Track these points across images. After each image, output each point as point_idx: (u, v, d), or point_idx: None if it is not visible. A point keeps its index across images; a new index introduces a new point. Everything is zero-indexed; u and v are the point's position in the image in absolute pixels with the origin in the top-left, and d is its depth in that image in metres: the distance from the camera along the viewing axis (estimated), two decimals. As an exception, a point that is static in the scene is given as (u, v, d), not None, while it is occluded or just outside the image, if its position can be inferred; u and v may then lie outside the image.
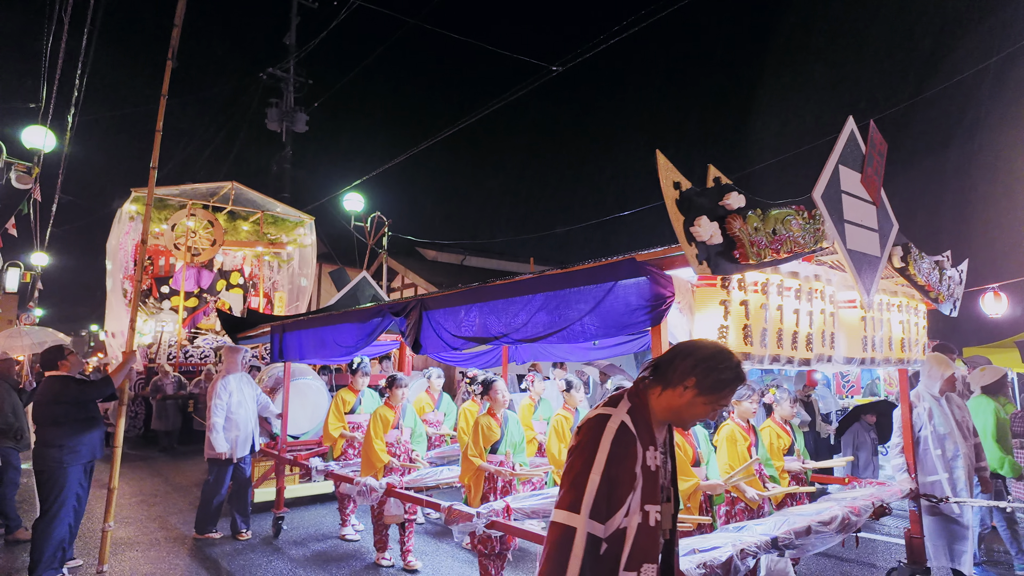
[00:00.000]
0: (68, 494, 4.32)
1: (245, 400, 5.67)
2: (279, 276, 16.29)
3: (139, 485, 8.20)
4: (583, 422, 1.64)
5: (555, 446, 4.48)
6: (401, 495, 4.14)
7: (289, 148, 19.59)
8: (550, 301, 2.82)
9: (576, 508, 1.49)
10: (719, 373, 1.62)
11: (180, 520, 6.36)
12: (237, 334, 6.87)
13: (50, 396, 4.36)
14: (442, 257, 21.10)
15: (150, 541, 5.58)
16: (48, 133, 10.61)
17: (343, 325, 4.63)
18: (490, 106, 13.33)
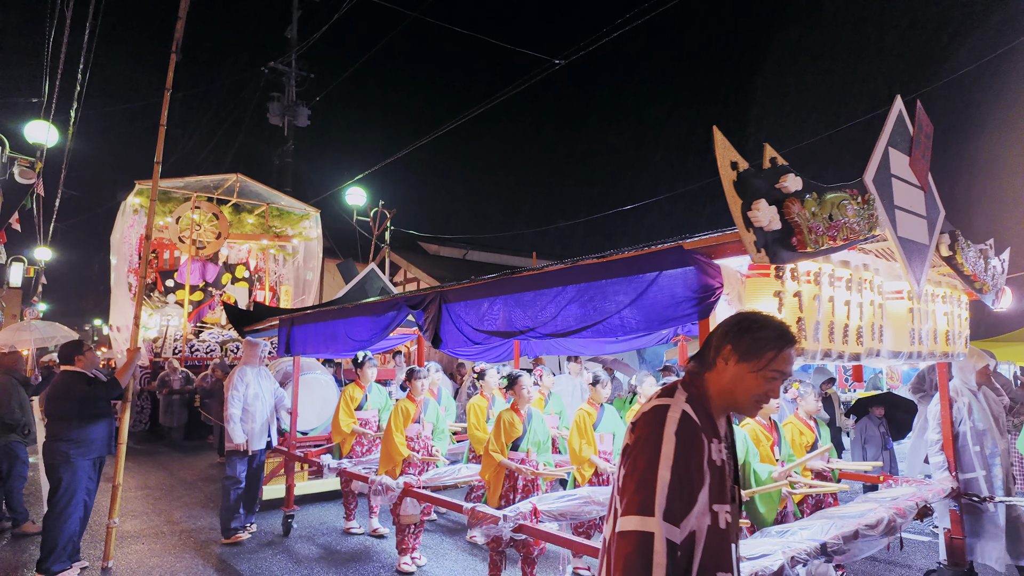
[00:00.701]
0: (77, 488, 4.30)
1: (262, 393, 5.52)
2: (284, 270, 16.13)
3: (144, 479, 8.15)
4: (638, 416, 1.46)
5: (576, 442, 4.31)
6: (419, 495, 3.97)
7: (291, 142, 19.46)
8: (583, 293, 2.63)
9: (649, 510, 1.29)
10: (754, 333, 1.45)
11: (185, 514, 6.32)
12: (244, 327, 6.71)
13: (61, 391, 4.37)
14: (444, 251, 20.97)
15: (156, 535, 5.55)
16: (51, 128, 10.55)
17: (356, 318, 4.46)
18: (492, 100, 13.13)
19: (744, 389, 1.45)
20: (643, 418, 1.44)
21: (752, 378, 1.44)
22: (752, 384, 1.45)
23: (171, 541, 5.38)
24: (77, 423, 4.31)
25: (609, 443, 4.51)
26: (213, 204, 13.94)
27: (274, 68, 19.03)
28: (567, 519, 3.39)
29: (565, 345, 7.21)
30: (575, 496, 3.47)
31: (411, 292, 3.89)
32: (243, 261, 15.30)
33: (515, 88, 12.58)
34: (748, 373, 1.44)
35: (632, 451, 1.40)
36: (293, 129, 19.51)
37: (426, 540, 5.21)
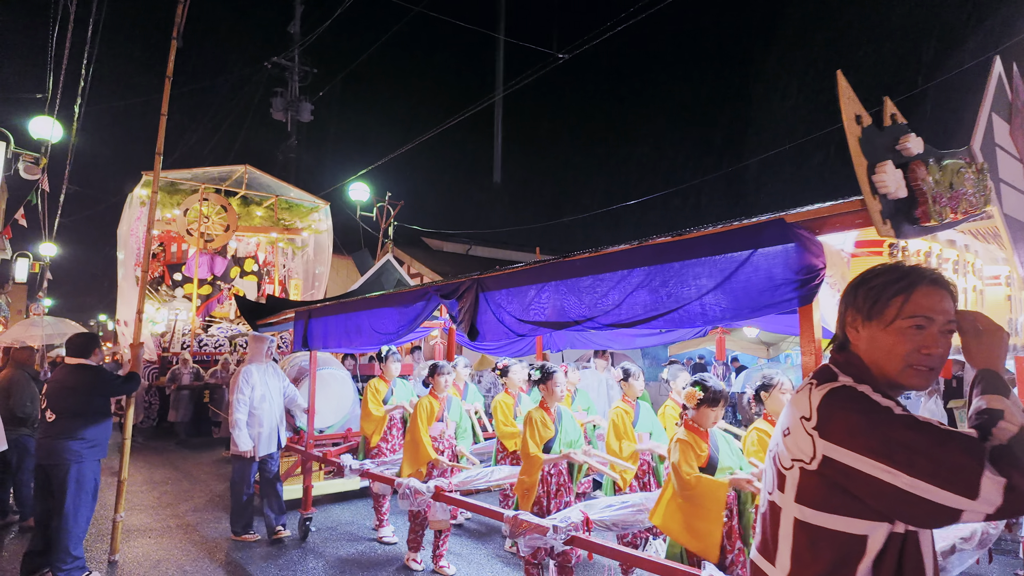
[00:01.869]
0: (92, 489, 4.17)
1: (270, 393, 5.22)
2: (293, 263, 15.86)
3: (150, 473, 8.05)
4: (820, 403, 1.17)
5: (615, 443, 3.99)
6: (453, 500, 3.67)
7: (294, 138, 19.34)
8: (654, 276, 2.31)
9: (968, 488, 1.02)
10: (869, 283, 1.24)
11: (190, 507, 6.29)
12: (256, 321, 6.42)
13: (82, 385, 4.14)
14: (447, 247, 20.74)
15: (162, 529, 5.52)
16: (55, 123, 10.43)
17: (382, 310, 4.15)
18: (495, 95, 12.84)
19: (886, 354, 1.19)
20: (831, 400, 1.16)
21: (887, 336, 1.19)
22: (891, 344, 1.18)
23: (177, 534, 5.33)
24: (94, 419, 4.14)
25: (647, 442, 4.19)
26: (221, 196, 13.67)
27: (277, 63, 18.99)
28: (619, 529, 3.08)
29: (591, 339, 6.89)
30: (626, 503, 3.15)
31: (443, 280, 3.57)
32: (252, 254, 15.03)
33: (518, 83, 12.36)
34: (880, 332, 1.20)
35: (858, 437, 1.10)
36: (296, 124, 19.47)
37: (456, 547, 4.92)
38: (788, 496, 1.22)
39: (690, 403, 2.76)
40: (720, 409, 2.74)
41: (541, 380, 3.72)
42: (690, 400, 2.75)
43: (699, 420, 2.74)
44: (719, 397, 2.75)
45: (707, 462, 2.63)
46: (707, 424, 2.73)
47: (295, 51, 19.19)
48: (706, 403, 2.73)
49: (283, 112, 19.32)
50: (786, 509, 1.23)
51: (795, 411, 1.23)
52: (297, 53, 19.23)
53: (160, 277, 13.94)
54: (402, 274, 8.35)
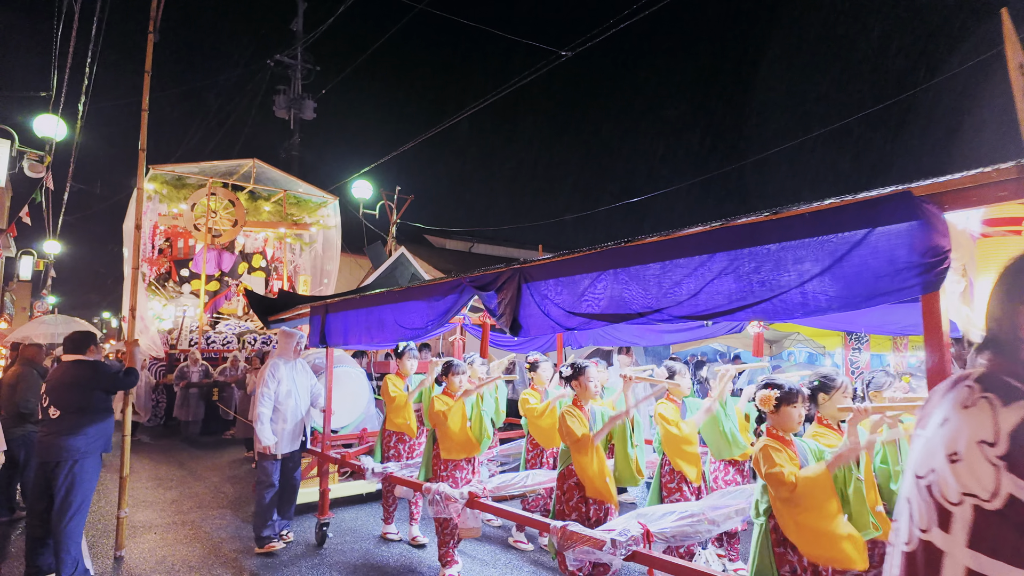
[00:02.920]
0: (93, 487, 4.10)
1: (297, 390, 4.95)
2: (301, 259, 15.63)
3: (156, 471, 7.95)
4: (1017, 427, 0.92)
5: (670, 430, 3.71)
6: (488, 508, 3.39)
7: (297, 135, 19.24)
8: (743, 261, 2.02)
9: None
10: None
11: (195, 504, 6.24)
12: (268, 316, 6.17)
13: (84, 380, 4.06)
14: (449, 244, 20.56)
15: (167, 525, 5.50)
16: (59, 122, 10.33)
17: (409, 303, 3.87)
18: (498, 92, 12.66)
19: None
20: None
21: None
22: None
23: (183, 531, 5.30)
24: (96, 415, 4.07)
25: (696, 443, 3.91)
26: (229, 191, 13.43)
27: (280, 61, 18.93)
28: (678, 541, 2.80)
29: (615, 335, 6.61)
30: (685, 513, 2.88)
31: (481, 270, 3.29)
32: (260, 250, 14.79)
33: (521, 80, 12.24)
34: None
35: None
36: (299, 122, 19.45)
37: (480, 553, 4.65)
38: (956, 539, 0.97)
39: (766, 407, 2.46)
40: (802, 406, 2.43)
41: (573, 376, 3.44)
42: (766, 404, 2.45)
43: (781, 424, 2.42)
44: (796, 392, 2.45)
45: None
46: (792, 426, 2.41)
47: (298, 49, 19.09)
48: (784, 402, 2.43)
49: (286, 110, 19.32)
50: (952, 555, 0.98)
51: (968, 431, 0.98)
52: (300, 51, 19.13)
53: (167, 273, 13.72)
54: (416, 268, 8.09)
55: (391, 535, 5.05)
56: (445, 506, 3.58)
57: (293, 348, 5.08)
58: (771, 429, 2.44)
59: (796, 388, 2.47)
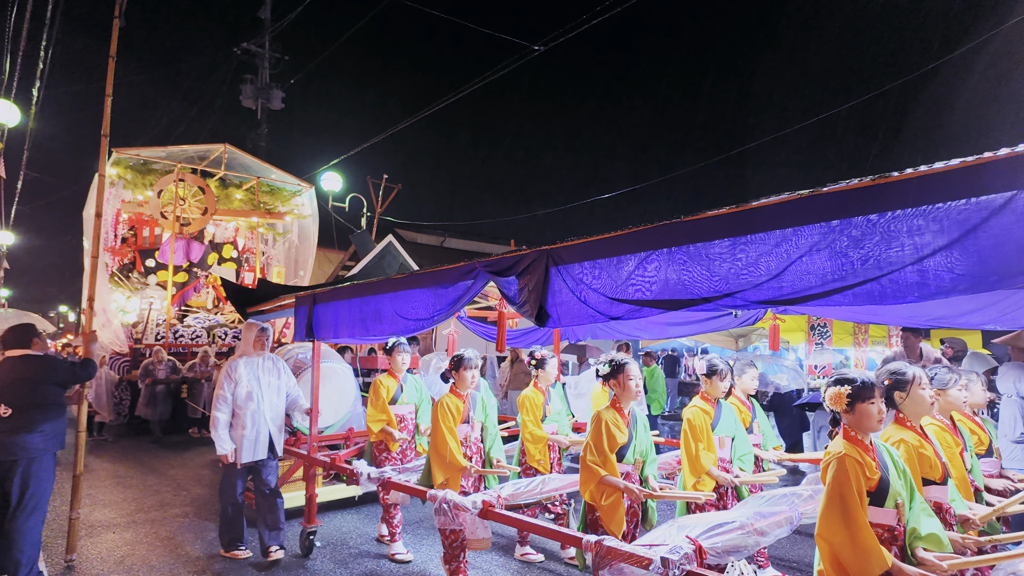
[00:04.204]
0: (51, 486, 3.93)
1: (260, 391, 4.49)
2: (274, 250, 15.01)
3: (114, 469, 7.59)
4: None
5: (693, 447, 3.42)
6: (508, 519, 3.05)
7: (264, 125, 18.68)
8: (840, 235, 1.72)
9: None
10: None
11: (156, 503, 6.01)
12: (247, 308, 5.71)
13: (36, 375, 3.85)
14: (421, 238, 20.18)
15: (126, 524, 5.28)
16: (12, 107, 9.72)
17: (411, 292, 3.50)
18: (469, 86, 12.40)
19: None
20: None
21: None
22: None
23: (143, 529, 5.13)
24: (50, 411, 3.88)
25: (728, 449, 3.63)
26: (198, 177, 12.75)
27: (247, 49, 18.37)
28: (727, 557, 2.50)
29: (617, 328, 6.32)
30: (731, 524, 2.58)
31: (498, 256, 2.94)
32: (230, 240, 14.12)
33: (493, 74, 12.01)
34: None
35: None
36: (267, 112, 18.92)
37: (484, 564, 4.32)
38: None
39: (839, 406, 2.15)
40: (880, 401, 2.14)
41: (611, 375, 3.12)
42: (838, 403, 2.15)
43: (858, 424, 2.11)
44: (872, 385, 2.15)
45: (876, 486, 2.03)
46: (872, 425, 2.10)
47: (266, 37, 18.55)
48: (859, 398, 2.12)
49: (253, 99, 18.84)
50: None
51: None
52: (268, 39, 18.59)
53: (131, 263, 12.98)
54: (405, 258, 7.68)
55: (399, 556, 4.44)
56: (455, 516, 3.23)
57: (253, 342, 4.62)
58: (848, 431, 2.14)
59: (871, 381, 2.16)
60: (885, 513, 2.00)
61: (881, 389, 2.21)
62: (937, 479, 2.36)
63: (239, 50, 18.44)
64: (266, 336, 4.73)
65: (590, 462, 3.01)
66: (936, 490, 2.36)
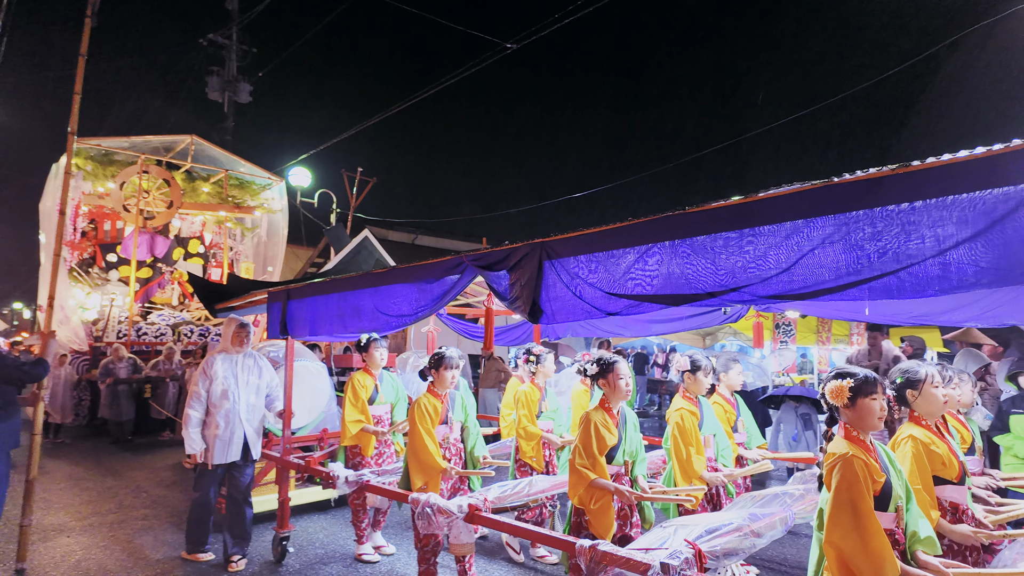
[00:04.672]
0: (5, 488, 3.95)
1: (238, 389, 4.31)
2: (243, 245, 14.59)
3: (71, 471, 7.30)
4: None
5: (682, 451, 3.35)
6: (496, 524, 2.93)
7: (231, 119, 18.26)
8: (856, 226, 1.65)
9: None
10: None
11: (114, 505, 5.82)
12: (216, 304, 5.49)
13: None
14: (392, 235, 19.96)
15: (82, 528, 5.11)
16: None
17: (394, 287, 3.36)
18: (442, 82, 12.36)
19: None
20: None
21: None
22: None
23: (99, 533, 4.95)
24: (3, 410, 3.88)
25: (713, 447, 3.58)
26: (163, 169, 12.31)
27: (213, 41, 17.95)
28: (725, 560, 2.43)
29: (598, 326, 6.26)
30: (728, 526, 2.51)
31: (485, 249, 2.82)
32: (197, 235, 13.68)
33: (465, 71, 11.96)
34: None
35: None
36: (234, 105, 18.50)
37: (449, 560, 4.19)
38: None
39: (839, 401, 2.07)
40: (882, 397, 2.06)
41: (600, 374, 3.02)
42: (838, 397, 2.07)
43: (858, 421, 2.03)
44: (874, 381, 2.05)
45: (881, 489, 1.96)
46: (873, 423, 2.00)
47: (233, 29, 18.15)
48: (860, 393, 2.02)
49: (219, 92, 18.40)
50: None
51: None
52: (235, 31, 18.19)
53: (91, 258, 12.47)
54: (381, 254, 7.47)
55: (367, 556, 4.38)
56: (439, 521, 3.10)
57: (232, 338, 4.43)
58: (849, 430, 2.07)
59: (873, 376, 2.08)
60: (886, 517, 1.94)
61: (884, 385, 2.15)
62: (953, 478, 2.33)
63: (206, 41, 18.04)
64: (246, 332, 4.53)
65: (579, 465, 2.91)
66: (952, 490, 2.32)
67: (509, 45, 11.45)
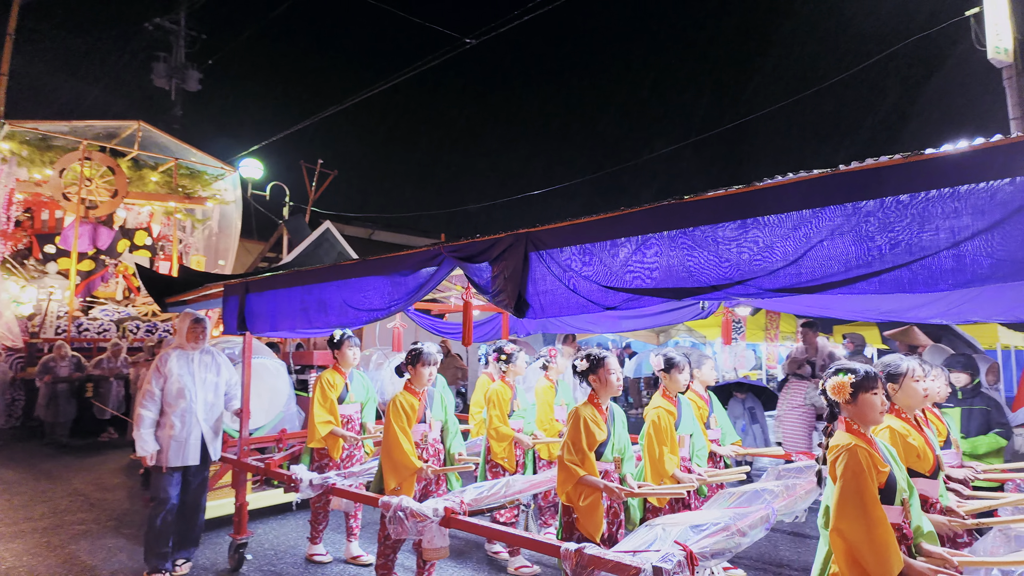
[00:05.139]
0: None
1: (195, 388, 4.06)
2: (193, 238, 13.97)
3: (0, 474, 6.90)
4: None
5: (656, 450, 3.29)
6: (475, 528, 2.81)
7: (179, 108, 17.51)
8: (865, 217, 1.60)
9: None
10: None
11: (48, 510, 5.50)
12: (166, 298, 5.19)
13: None
14: (348, 230, 19.55)
15: (12, 533, 4.85)
16: None
17: (364, 280, 3.18)
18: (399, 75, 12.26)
19: None
20: None
21: None
22: None
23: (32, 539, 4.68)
24: None
25: (688, 447, 3.54)
26: (108, 156, 11.64)
27: (160, 25, 17.17)
28: (714, 561, 2.38)
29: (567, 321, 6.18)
30: (715, 526, 2.46)
31: (468, 240, 2.69)
32: (144, 226, 13.01)
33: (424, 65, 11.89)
34: None
35: None
36: (182, 94, 17.71)
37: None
38: None
39: (841, 396, 2.04)
40: (883, 392, 2.04)
41: (590, 370, 2.93)
42: (840, 393, 2.04)
43: (860, 416, 2.01)
44: (875, 376, 2.03)
45: (885, 481, 1.94)
46: (875, 418, 2.00)
47: (181, 14, 17.39)
48: (862, 388, 2.01)
49: (166, 79, 17.61)
50: None
51: None
52: (183, 16, 17.45)
53: (27, 249, 11.69)
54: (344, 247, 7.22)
55: (319, 556, 4.28)
56: (413, 525, 2.95)
57: (187, 334, 4.17)
58: (850, 424, 2.04)
59: (874, 371, 2.06)
60: (893, 511, 1.92)
61: (884, 380, 2.13)
62: (926, 471, 2.33)
63: (151, 26, 17.23)
64: (202, 327, 4.25)
65: (568, 461, 2.81)
66: (924, 483, 2.32)
67: (468, 40, 11.35)
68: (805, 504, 3.04)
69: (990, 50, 7.53)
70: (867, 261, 1.59)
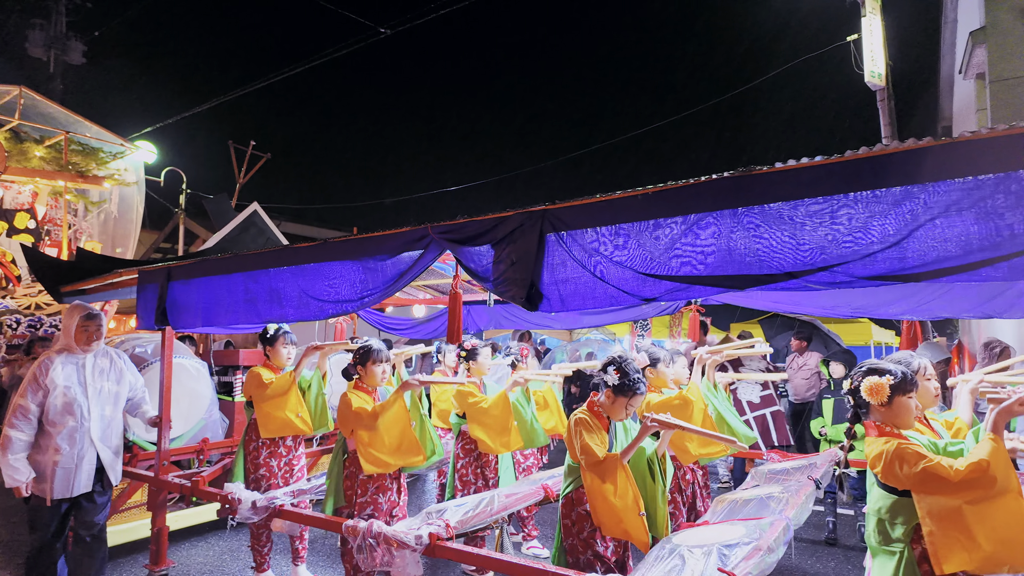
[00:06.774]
0: None
1: (88, 401, 3.28)
2: (86, 222, 12.42)
3: None
4: None
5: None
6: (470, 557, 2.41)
7: (59, 81, 15.66)
8: (989, 193, 1.37)
9: None
10: None
11: None
12: (62, 287, 4.42)
13: None
14: None
15: None
16: None
17: (329, 265, 2.70)
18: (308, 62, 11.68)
19: None
20: None
21: None
22: None
23: None
24: None
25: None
26: (-20, 124, 10.07)
27: None
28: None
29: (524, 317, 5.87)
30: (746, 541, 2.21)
31: (460, 220, 2.29)
32: (26, 206, 11.39)
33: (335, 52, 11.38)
34: None
35: None
36: (63, 66, 15.84)
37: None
38: None
39: (878, 399, 1.88)
40: (915, 395, 1.91)
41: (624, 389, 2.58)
42: (877, 395, 1.87)
43: (894, 418, 1.88)
44: (912, 379, 1.90)
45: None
46: (909, 421, 1.87)
47: None
48: (899, 391, 1.87)
49: (44, 49, 15.61)
50: None
51: None
52: None
53: None
54: (273, 232, 6.50)
55: None
56: (384, 553, 2.52)
57: (76, 333, 3.40)
58: (882, 427, 1.88)
59: (911, 373, 1.92)
60: None
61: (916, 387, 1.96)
62: None
63: (22, -13, 15.26)
64: (96, 324, 3.46)
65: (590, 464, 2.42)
66: None
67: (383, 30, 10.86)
68: (807, 511, 2.88)
69: (867, 74, 7.96)
70: (995, 243, 1.36)
